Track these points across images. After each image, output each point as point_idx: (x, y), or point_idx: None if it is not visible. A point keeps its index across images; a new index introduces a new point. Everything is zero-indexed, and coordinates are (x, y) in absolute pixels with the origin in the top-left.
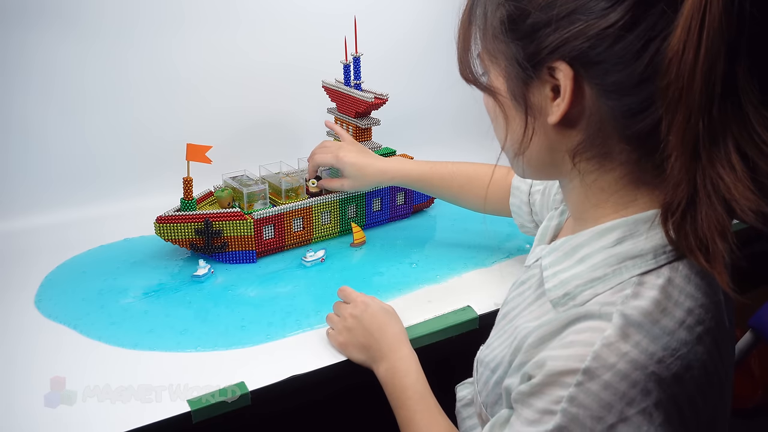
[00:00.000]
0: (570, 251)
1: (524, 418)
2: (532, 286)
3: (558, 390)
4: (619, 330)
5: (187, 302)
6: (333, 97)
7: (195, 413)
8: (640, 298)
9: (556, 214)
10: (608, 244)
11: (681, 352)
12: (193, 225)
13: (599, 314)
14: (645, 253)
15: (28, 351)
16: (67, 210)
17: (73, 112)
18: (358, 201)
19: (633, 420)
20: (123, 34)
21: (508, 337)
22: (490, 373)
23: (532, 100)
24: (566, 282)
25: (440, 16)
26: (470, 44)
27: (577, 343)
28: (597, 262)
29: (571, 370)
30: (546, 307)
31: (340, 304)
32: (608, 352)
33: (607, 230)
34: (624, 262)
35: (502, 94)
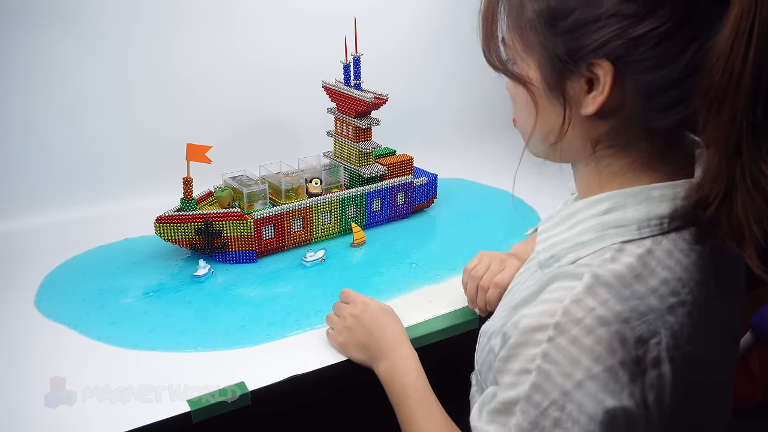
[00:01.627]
0: (564, 219)
1: (504, 383)
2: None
3: (532, 348)
4: (588, 288)
5: (187, 302)
6: (333, 97)
7: (195, 413)
8: (617, 263)
9: (571, 199)
10: (597, 212)
11: (648, 317)
12: (193, 225)
13: (573, 273)
14: (629, 223)
15: (28, 351)
16: (67, 210)
17: (73, 112)
18: (358, 201)
19: (600, 377)
20: (123, 34)
21: (506, 308)
22: (486, 341)
23: (568, 92)
24: (554, 245)
25: (440, 17)
26: (497, 32)
27: (549, 300)
28: (585, 228)
29: (543, 325)
30: (538, 274)
31: (340, 305)
32: (576, 307)
33: (599, 201)
34: (608, 229)
35: (534, 84)
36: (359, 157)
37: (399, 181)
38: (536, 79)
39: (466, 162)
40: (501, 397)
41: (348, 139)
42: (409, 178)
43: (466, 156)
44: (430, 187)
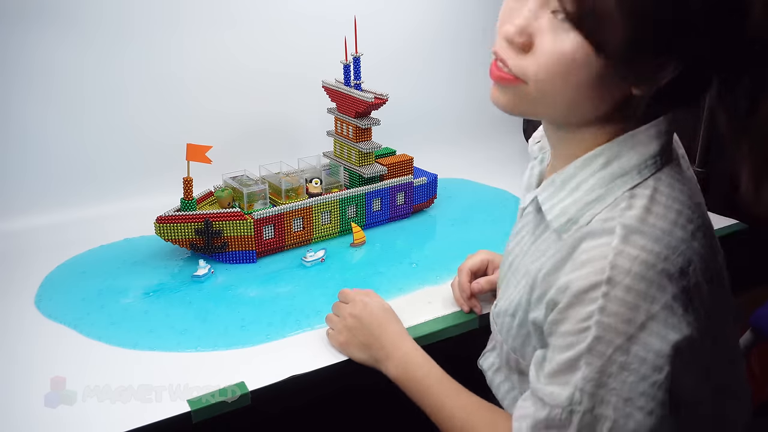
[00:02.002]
0: (561, 184)
1: (559, 346)
2: (529, 231)
3: (586, 306)
4: (623, 238)
5: (187, 302)
6: (333, 97)
7: (195, 413)
8: (634, 208)
9: (536, 163)
10: (597, 168)
11: (680, 248)
12: (193, 225)
13: (602, 230)
14: (630, 169)
15: (28, 351)
16: (67, 210)
17: (73, 113)
18: (358, 201)
19: (659, 315)
20: (123, 34)
21: (519, 281)
22: (511, 319)
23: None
24: (566, 209)
25: (441, 17)
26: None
27: (592, 259)
28: (591, 186)
29: (595, 283)
30: (549, 241)
31: (339, 304)
32: (622, 259)
33: (592, 157)
34: (614, 180)
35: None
36: (359, 157)
37: (399, 181)
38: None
39: (466, 162)
40: (558, 358)
41: (348, 139)
42: (409, 178)
43: (466, 156)
44: (430, 187)
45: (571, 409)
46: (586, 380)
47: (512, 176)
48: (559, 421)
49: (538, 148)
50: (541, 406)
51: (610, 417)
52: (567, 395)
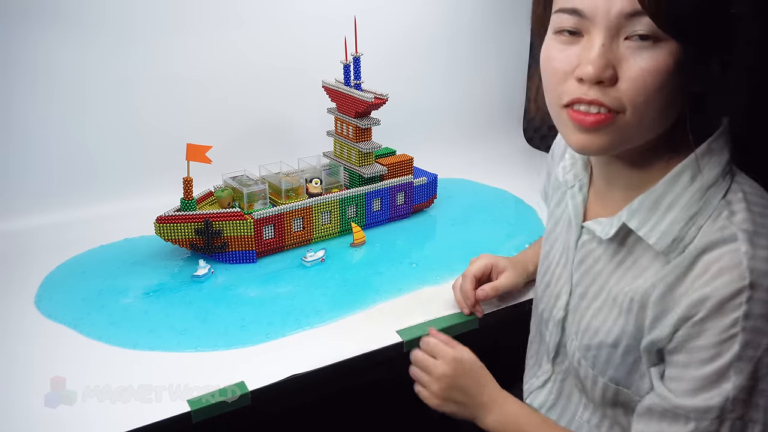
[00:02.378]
0: (653, 205)
1: (699, 359)
2: (602, 258)
3: (730, 314)
4: (750, 242)
5: (187, 302)
6: (333, 97)
7: (195, 413)
8: (738, 213)
9: (575, 191)
10: (686, 184)
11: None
12: (193, 225)
13: (723, 239)
14: (717, 178)
15: (28, 351)
16: (68, 210)
17: (74, 113)
18: (358, 201)
19: None
20: (123, 35)
21: (610, 310)
22: (612, 350)
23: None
24: (669, 230)
25: (441, 17)
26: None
27: (727, 268)
28: (686, 202)
29: (738, 290)
30: (644, 263)
31: (427, 360)
32: (756, 262)
33: (677, 174)
34: (706, 192)
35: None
36: (359, 157)
37: (399, 181)
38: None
39: (466, 162)
40: (701, 372)
41: (348, 139)
42: (409, 178)
43: (466, 156)
44: (430, 187)
45: (721, 420)
46: (738, 389)
47: (512, 176)
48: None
49: (573, 176)
50: (684, 423)
51: (760, 420)
52: (718, 406)
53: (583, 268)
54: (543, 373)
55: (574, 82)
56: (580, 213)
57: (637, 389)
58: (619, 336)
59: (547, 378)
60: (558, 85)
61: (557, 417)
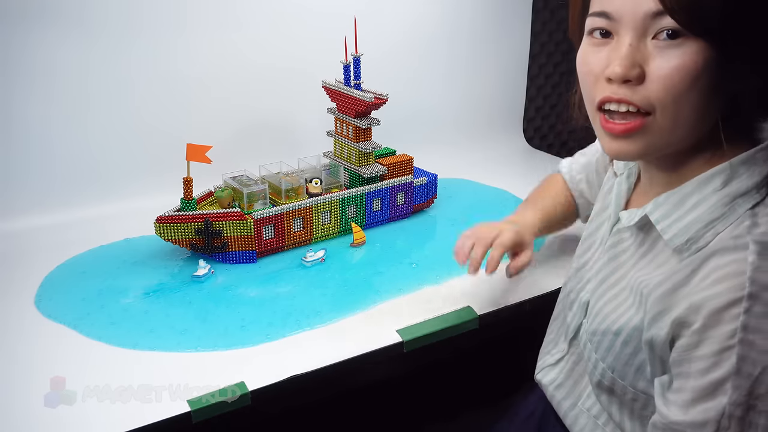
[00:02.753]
0: (678, 202)
1: (697, 370)
2: (630, 248)
3: (727, 325)
4: (760, 254)
5: (187, 302)
6: (333, 97)
7: (195, 413)
8: (761, 226)
9: (623, 179)
10: (717, 187)
11: None
12: (193, 225)
13: (734, 246)
14: (750, 189)
15: (28, 351)
16: (68, 210)
17: (74, 113)
18: (358, 201)
19: None
20: (124, 35)
21: (625, 299)
22: (614, 337)
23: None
24: (687, 228)
25: (441, 16)
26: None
27: (728, 276)
28: (712, 205)
29: (735, 300)
30: (659, 259)
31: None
32: (760, 274)
33: (711, 177)
34: (735, 200)
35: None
36: (359, 157)
37: (399, 181)
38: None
39: (466, 162)
40: (698, 384)
41: (348, 139)
42: (409, 178)
43: (466, 156)
44: (430, 187)
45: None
46: (735, 404)
47: (512, 176)
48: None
49: (623, 163)
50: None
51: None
52: (714, 419)
53: (610, 254)
54: (558, 351)
55: (605, 82)
56: (622, 201)
57: (631, 382)
58: (623, 325)
59: (561, 357)
60: (592, 86)
61: (562, 397)
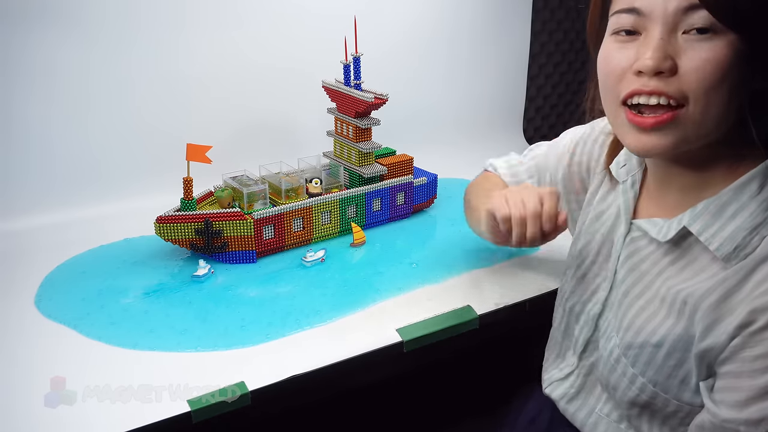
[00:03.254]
0: (717, 212)
1: (752, 369)
2: (650, 256)
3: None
4: None
5: (187, 302)
6: (333, 97)
7: (195, 413)
8: None
9: (627, 187)
10: (754, 192)
11: None
12: (193, 225)
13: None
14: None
15: (28, 351)
16: (68, 210)
17: (74, 113)
18: (358, 201)
19: None
20: (124, 35)
21: (657, 310)
22: (655, 349)
23: None
24: (733, 237)
25: (441, 16)
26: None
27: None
28: (752, 211)
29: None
30: (699, 266)
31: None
32: None
33: (745, 183)
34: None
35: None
36: (359, 157)
37: (399, 181)
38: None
39: (466, 162)
40: (756, 382)
41: (348, 139)
42: (409, 178)
43: (466, 156)
44: (430, 187)
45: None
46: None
47: None
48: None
49: (626, 171)
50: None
51: None
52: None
53: (629, 265)
54: (567, 366)
55: (633, 76)
56: (630, 209)
57: (675, 394)
58: (664, 336)
59: (571, 371)
60: (616, 83)
61: (576, 409)
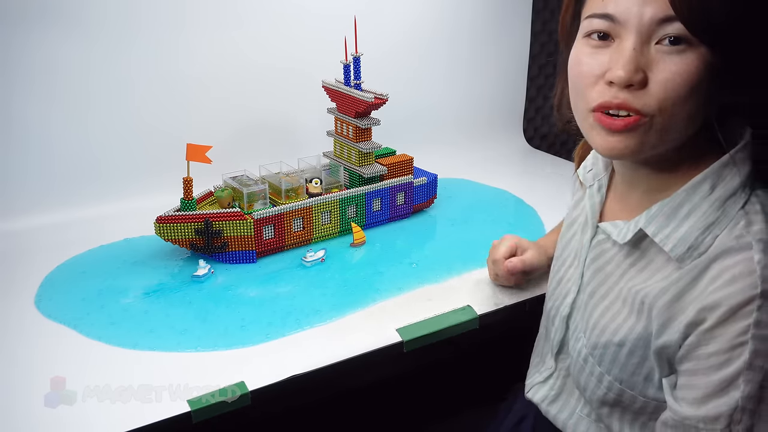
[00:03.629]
0: (671, 213)
1: (708, 366)
2: (614, 258)
3: (741, 322)
4: (764, 252)
5: (187, 302)
6: (333, 97)
7: (195, 413)
8: (756, 224)
9: (594, 191)
10: (705, 193)
11: None
12: (193, 225)
13: (738, 247)
14: (736, 190)
15: (28, 351)
16: (68, 210)
17: (74, 113)
18: (358, 201)
19: None
20: (124, 34)
21: (620, 310)
22: (617, 348)
23: None
24: (686, 237)
25: (440, 16)
26: None
27: (740, 275)
28: (705, 211)
29: (750, 298)
30: (655, 266)
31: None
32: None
33: (698, 183)
34: (725, 202)
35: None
36: (359, 157)
37: (399, 181)
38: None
39: (466, 162)
40: (710, 380)
41: (348, 139)
42: (409, 178)
43: (466, 156)
44: (430, 187)
45: (730, 428)
46: (747, 398)
47: (512, 176)
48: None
49: (592, 175)
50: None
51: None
52: (727, 414)
53: (594, 267)
54: (546, 369)
55: (604, 85)
56: (596, 212)
57: (640, 391)
58: (625, 335)
59: (550, 374)
60: (587, 88)
61: (557, 411)
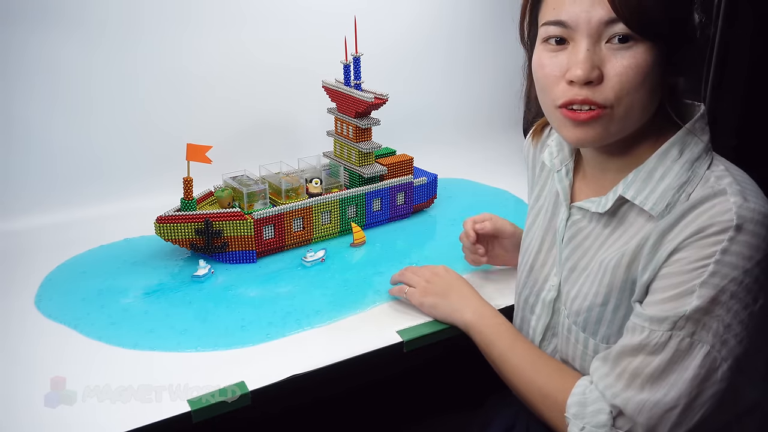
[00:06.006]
0: (647, 177)
1: (669, 283)
2: (592, 233)
3: (710, 247)
4: (739, 194)
5: (187, 302)
6: (333, 97)
7: (195, 413)
8: (725, 178)
9: (562, 176)
10: (675, 157)
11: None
12: (193, 225)
13: (715, 193)
14: (701, 153)
15: (29, 351)
16: (68, 210)
17: (74, 113)
18: (358, 201)
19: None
20: (125, 35)
21: (597, 275)
22: (602, 308)
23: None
24: (663, 195)
25: (440, 16)
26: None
27: (719, 213)
28: (677, 172)
29: (725, 228)
30: (635, 228)
31: (415, 269)
32: (744, 211)
33: (667, 149)
34: (693, 164)
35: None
36: (359, 157)
37: (399, 181)
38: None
39: (466, 162)
40: (667, 294)
41: (348, 139)
42: (409, 178)
43: (466, 156)
44: (430, 187)
45: (671, 334)
46: (694, 309)
47: (512, 176)
48: (653, 346)
49: (559, 161)
50: (634, 333)
51: (708, 341)
52: (671, 319)
53: (572, 245)
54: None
55: (566, 84)
56: (568, 195)
57: None
58: (607, 293)
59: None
60: (552, 87)
61: None
